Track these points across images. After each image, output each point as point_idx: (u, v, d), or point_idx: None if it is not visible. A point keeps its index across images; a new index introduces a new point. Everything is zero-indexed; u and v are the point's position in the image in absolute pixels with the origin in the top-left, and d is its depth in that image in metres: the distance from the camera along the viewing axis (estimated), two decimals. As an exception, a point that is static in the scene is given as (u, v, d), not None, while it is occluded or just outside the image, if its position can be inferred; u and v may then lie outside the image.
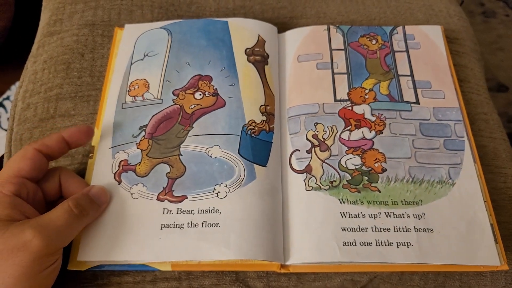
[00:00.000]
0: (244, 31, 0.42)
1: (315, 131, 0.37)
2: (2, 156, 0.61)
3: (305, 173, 0.35)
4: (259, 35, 0.42)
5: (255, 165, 0.35)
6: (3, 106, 0.84)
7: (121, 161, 0.35)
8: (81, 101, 0.40)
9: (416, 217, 0.33)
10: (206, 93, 0.38)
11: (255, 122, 0.37)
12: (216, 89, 0.39)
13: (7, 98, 0.85)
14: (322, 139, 0.37)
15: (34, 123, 0.39)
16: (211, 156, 0.35)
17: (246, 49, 0.41)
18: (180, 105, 0.38)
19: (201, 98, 0.38)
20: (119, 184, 0.34)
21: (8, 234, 0.27)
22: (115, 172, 0.35)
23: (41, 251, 0.27)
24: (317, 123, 0.37)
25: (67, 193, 0.33)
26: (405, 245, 0.32)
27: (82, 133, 0.34)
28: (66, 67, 0.42)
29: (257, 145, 0.36)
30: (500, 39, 1.23)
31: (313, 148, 0.36)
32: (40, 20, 0.48)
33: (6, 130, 0.81)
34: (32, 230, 0.27)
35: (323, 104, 0.38)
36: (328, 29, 0.43)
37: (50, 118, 0.39)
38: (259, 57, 0.41)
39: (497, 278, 0.35)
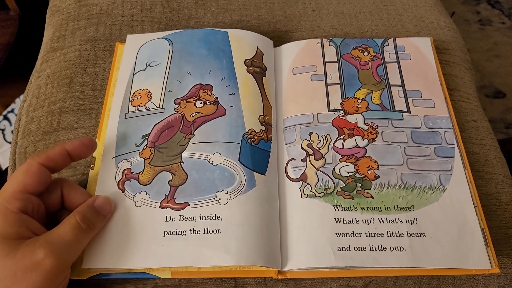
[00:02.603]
0: (243, 43, 0.43)
1: (310, 141, 0.38)
2: (7, 168, 0.62)
3: (300, 181, 0.36)
4: (257, 48, 0.43)
5: (255, 173, 0.36)
6: (8, 119, 0.86)
7: (124, 170, 0.36)
8: (83, 114, 0.41)
9: (409, 222, 0.34)
10: (207, 101, 0.39)
11: (254, 131, 0.38)
12: (217, 98, 0.40)
13: (12, 111, 0.87)
14: (317, 148, 0.38)
15: (38, 136, 0.41)
16: (212, 163, 0.36)
17: (246, 60, 0.42)
18: (182, 113, 0.39)
19: (202, 107, 0.39)
20: (122, 192, 0.35)
21: (20, 254, 0.27)
22: (119, 181, 0.36)
23: (54, 269, 0.27)
24: (311, 133, 0.39)
25: (70, 204, 0.33)
26: (398, 249, 0.33)
27: (85, 146, 0.34)
28: (69, 81, 0.43)
29: (257, 154, 0.37)
30: (496, 46, 1.25)
31: (308, 157, 0.38)
32: (43, 36, 0.50)
33: (10, 143, 0.82)
34: (43, 249, 0.27)
35: (317, 114, 0.40)
36: (322, 42, 0.44)
37: (53, 131, 0.41)
38: (257, 69, 0.42)
39: (489, 282, 0.36)
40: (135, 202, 0.35)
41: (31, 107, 0.43)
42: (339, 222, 0.34)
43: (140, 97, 0.40)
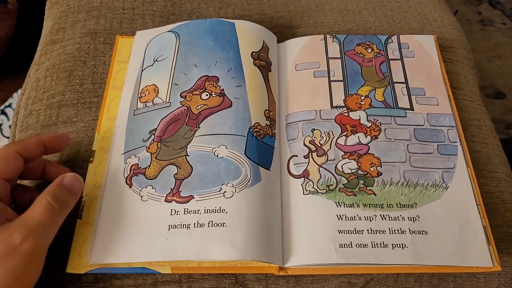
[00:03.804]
0: (250, 35, 0.42)
1: (312, 137, 0.38)
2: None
3: (302, 178, 0.36)
4: (264, 41, 0.43)
5: (260, 167, 0.36)
6: (5, 114, 0.85)
7: (132, 165, 0.36)
8: (83, 107, 0.41)
9: (411, 220, 0.34)
10: (213, 93, 0.39)
11: (260, 125, 0.37)
12: (223, 89, 0.39)
13: (9, 105, 0.86)
14: (319, 145, 0.38)
15: (37, 129, 0.40)
16: (217, 156, 0.36)
17: (252, 52, 0.41)
18: (187, 106, 0.38)
19: (207, 99, 0.38)
20: (130, 187, 0.35)
21: None
22: (127, 177, 0.36)
23: (32, 253, 0.27)
24: (314, 129, 0.38)
25: (49, 176, 0.34)
26: (400, 246, 0.33)
27: (61, 140, 0.35)
28: (68, 74, 0.43)
29: (262, 148, 0.37)
30: (498, 47, 1.25)
31: (310, 153, 0.37)
32: (42, 29, 0.49)
33: (7, 137, 0.82)
34: (19, 233, 0.27)
35: (320, 110, 0.39)
36: (325, 39, 0.44)
37: (52, 125, 0.40)
38: (264, 63, 0.41)
39: (490, 279, 0.36)
40: (141, 196, 0.35)
41: (30, 100, 0.42)
42: (341, 219, 0.34)
43: (148, 93, 0.40)
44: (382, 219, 0.34)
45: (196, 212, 0.33)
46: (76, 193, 0.32)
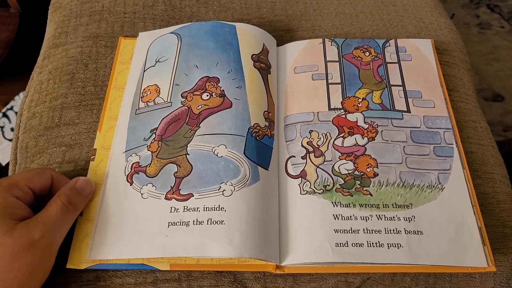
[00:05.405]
0: (250, 38, 0.43)
1: (310, 138, 0.39)
2: (7, 165, 0.62)
3: (300, 178, 0.37)
4: (264, 44, 0.43)
5: (258, 167, 0.36)
6: (7, 116, 0.86)
7: (133, 163, 0.37)
8: (85, 110, 0.42)
9: (407, 220, 0.34)
10: (213, 94, 0.39)
11: (259, 126, 0.38)
12: (223, 90, 0.40)
13: (11, 108, 0.87)
14: (317, 146, 0.38)
15: (40, 131, 0.41)
16: (217, 155, 0.36)
17: (253, 55, 0.42)
18: (188, 106, 0.39)
19: (208, 99, 0.39)
20: (131, 185, 0.36)
21: (16, 234, 0.29)
22: (128, 174, 0.36)
23: (48, 248, 0.30)
24: (312, 131, 0.39)
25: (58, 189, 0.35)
26: (395, 246, 0.33)
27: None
28: (71, 77, 0.43)
29: (261, 148, 0.37)
30: (496, 50, 1.25)
31: (308, 154, 0.38)
32: (44, 33, 0.50)
33: (9, 140, 0.83)
34: (38, 229, 0.30)
35: (318, 112, 0.40)
36: (323, 42, 0.45)
37: (55, 127, 0.41)
38: (263, 65, 0.42)
39: (486, 279, 0.36)
40: (142, 194, 0.35)
41: (33, 103, 0.43)
42: (338, 219, 0.34)
43: (150, 93, 0.40)
44: (378, 219, 0.34)
45: (196, 210, 0.34)
46: (86, 196, 0.35)
